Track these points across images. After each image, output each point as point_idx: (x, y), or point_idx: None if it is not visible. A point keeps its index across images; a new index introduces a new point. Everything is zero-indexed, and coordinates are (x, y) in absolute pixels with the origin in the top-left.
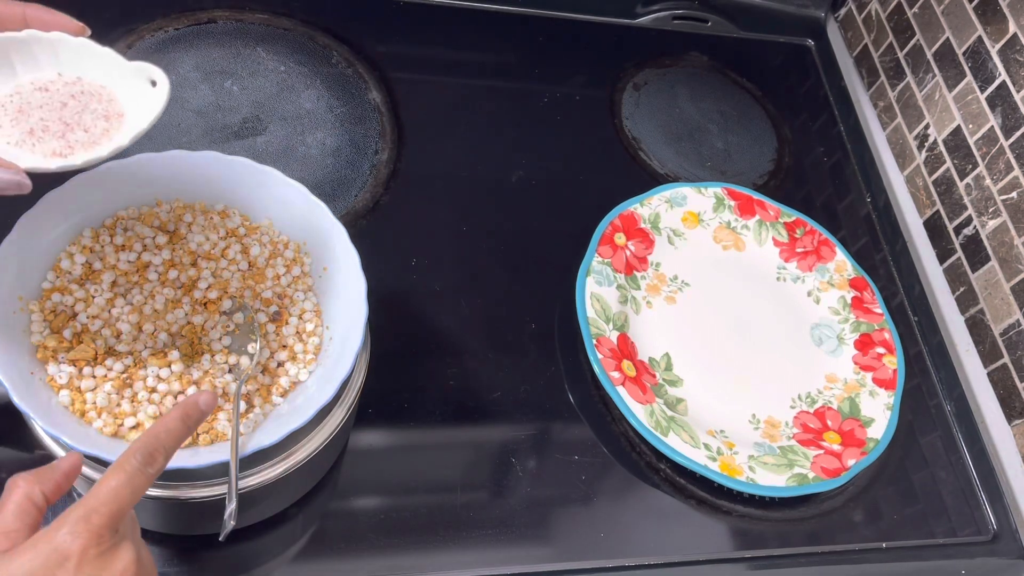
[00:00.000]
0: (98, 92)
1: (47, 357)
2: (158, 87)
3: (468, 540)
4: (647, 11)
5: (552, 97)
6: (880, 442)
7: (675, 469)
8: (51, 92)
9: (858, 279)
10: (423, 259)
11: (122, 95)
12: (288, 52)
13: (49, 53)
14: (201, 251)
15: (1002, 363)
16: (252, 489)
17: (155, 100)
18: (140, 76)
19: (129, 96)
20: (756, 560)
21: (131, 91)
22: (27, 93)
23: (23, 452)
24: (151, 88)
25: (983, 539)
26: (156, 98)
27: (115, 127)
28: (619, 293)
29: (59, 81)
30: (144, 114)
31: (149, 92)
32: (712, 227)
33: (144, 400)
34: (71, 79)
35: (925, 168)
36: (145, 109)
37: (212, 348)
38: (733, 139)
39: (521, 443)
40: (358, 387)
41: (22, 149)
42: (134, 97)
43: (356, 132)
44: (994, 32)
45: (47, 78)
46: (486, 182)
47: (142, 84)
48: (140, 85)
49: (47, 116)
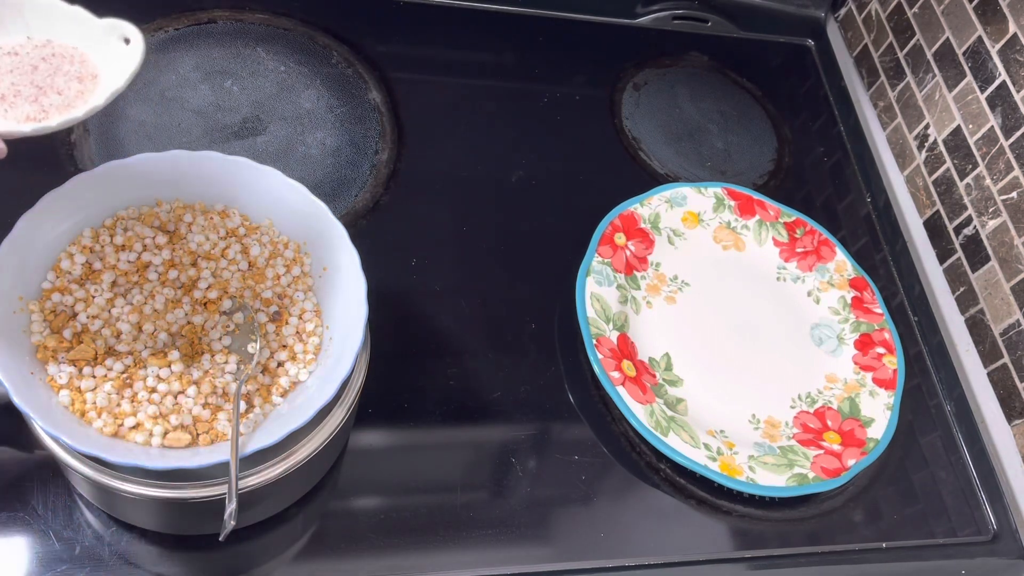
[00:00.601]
0: (70, 53)
1: (47, 357)
2: (132, 44)
3: (468, 540)
4: (647, 11)
5: (552, 97)
6: (880, 442)
7: (675, 469)
8: (20, 56)
9: (858, 279)
10: (423, 259)
11: (95, 55)
12: (288, 52)
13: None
14: (201, 251)
15: (1002, 363)
16: (252, 489)
17: (130, 58)
18: (113, 34)
19: (103, 56)
20: (756, 560)
21: (104, 50)
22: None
23: (23, 452)
24: (125, 46)
25: (983, 539)
26: (130, 56)
27: (89, 88)
28: (619, 293)
29: (28, 44)
30: (119, 73)
31: (123, 50)
32: (712, 227)
33: (144, 400)
34: (41, 42)
35: (925, 168)
36: (120, 68)
37: (212, 348)
38: (733, 139)
39: (521, 443)
40: (358, 387)
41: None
42: (108, 56)
43: (356, 132)
44: (994, 32)
45: (16, 42)
46: (486, 182)
47: (115, 42)
48: (113, 43)
49: (18, 80)
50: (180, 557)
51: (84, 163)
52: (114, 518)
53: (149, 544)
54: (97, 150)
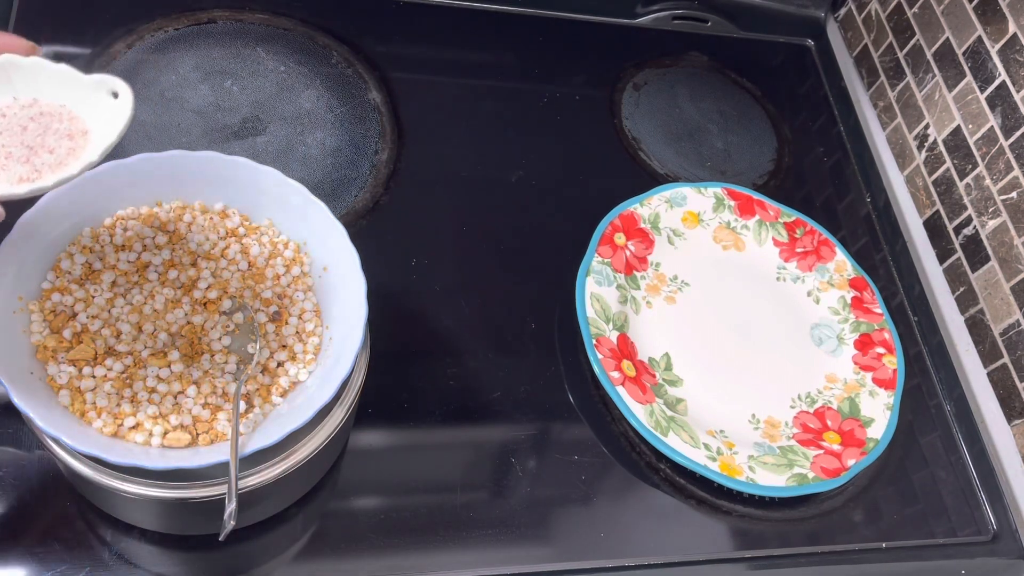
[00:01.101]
0: (58, 112)
1: (47, 357)
2: (121, 97)
3: (468, 540)
4: (647, 11)
5: (552, 97)
6: (880, 442)
7: (675, 469)
8: (8, 117)
9: (858, 279)
10: (423, 259)
11: (84, 111)
12: (288, 52)
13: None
14: (201, 251)
15: (1002, 363)
16: (252, 489)
17: (119, 112)
18: (101, 89)
19: (92, 111)
20: (756, 560)
21: (94, 106)
22: None
23: (23, 452)
24: (114, 100)
25: (983, 539)
26: (120, 110)
27: (80, 145)
28: (619, 293)
29: (15, 105)
30: (110, 127)
31: (112, 104)
32: (712, 227)
33: (144, 400)
34: (27, 101)
35: (925, 168)
36: (111, 121)
37: (212, 348)
38: (733, 139)
39: (521, 443)
40: (358, 387)
41: None
42: (98, 112)
43: (356, 132)
44: (994, 32)
45: (2, 104)
46: (486, 182)
47: (104, 97)
48: (102, 98)
49: (8, 142)
50: (180, 557)
51: None
52: (114, 518)
53: (149, 544)
54: None
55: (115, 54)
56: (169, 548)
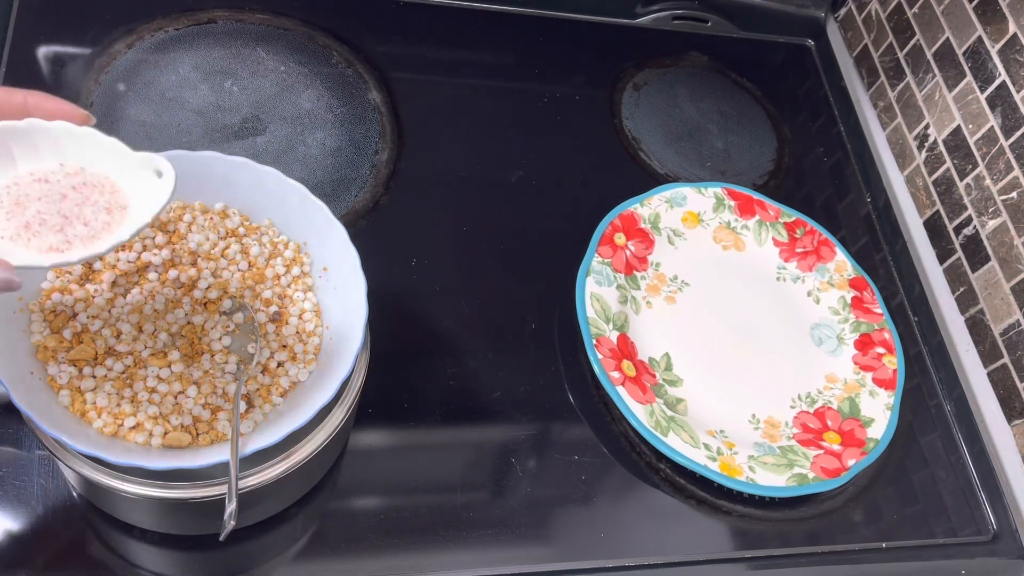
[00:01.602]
0: (101, 183)
1: (47, 357)
2: (164, 178)
3: (468, 540)
4: (647, 11)
5: (552, 97)
6: (880, 442)
7: (675, 469)
8: (51, 184)
9: (858, 279)
10: (423, 259)
11: (126, 186)
12: (288, 52)
13: (51, 143)
14: (201, 251)
15: (1002, 363)
16: (252, 489)
17: (160, 191)
18: (146, 167)
19: (133, 187)
20: (756, 560)
21: (136, 181)
22: (25, 185)
23: (23, 452)
24: (157, 179)
25: (983, 539)
26: (161, 189)
27: (117, 220)
28: (619, 293)
29: (60, 172)
30: (148, 206)
31: (154, 182)
32: (712, 227)
33: (144, 400)
34: (73, 169)
35: (925, 168)
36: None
37: (212, 348)
38: (733, 139)
39: (521, 443)
40: (358, 387)
41: (16, 244)
42: (138, 188)
43: (356, 132)
44: (994, 32)
45: (48, 168)
46: (486, 182)
47: (147, 174)
48: (145, 175)
49: (45, 209)
50: (180, 557)
51: None
52: (114, 518)
53: (149, 544)
54: None
55: (115, 54)
56: (169, 548)
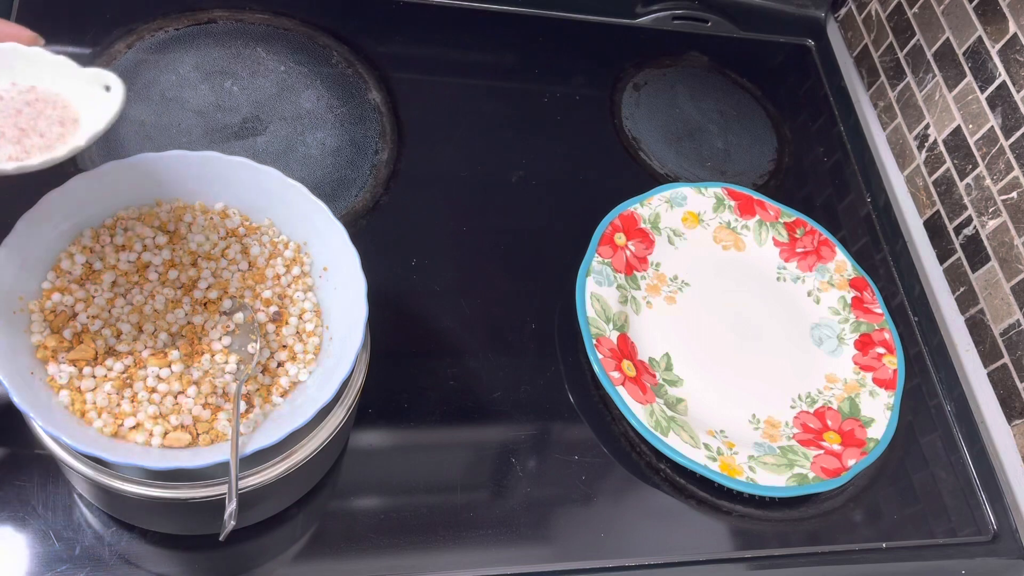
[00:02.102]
0: (52, 99)
1: (47, 357)
2: (112, 91)
3: (468, 540)
4: (647, 11)
5: (552, 97)
6: (880, 442)
7: (675, 469)
8: (5, 100)
9: (858, 279)
10: (423, 259)
11: (77, 101)
12: (288, 52)
13: (3, 63)
14: (201, 251)
15: (1002, 363)
16: (252, 489)
17: (110, 104)
18: (95, 82)
19: (84, 102)
20: (756, 560)
21: (86, 97)
22: None
23: (23, 452)
24: (106, 93)
25: (983, 539)
26: (111, 102)
27: (70, 131)
28: (619, 293)
29: (13, 90)
30: (100, 118)
31: (104, 97)
32: (712, 227)
33: (144, 400)
34: (25, 87)
35: (925, 168)
36: (101, 113)
37: (212, 348)
38: (733, 139)
39: (521, 443)
40: (358, 387)
41: None
42: (89, 102)
43: (356, 132)
44: (994, 32)
45: (1, 87)
46: (486, 182)
47: (98, 90)
48: (95, 91)
49: (2, 123)
50: (180, 557)
51: (84, 163)
52: (114, 518)
53: (149, 544)
54: (97, 150)
55: (115, 54)
56: (169, 548)
